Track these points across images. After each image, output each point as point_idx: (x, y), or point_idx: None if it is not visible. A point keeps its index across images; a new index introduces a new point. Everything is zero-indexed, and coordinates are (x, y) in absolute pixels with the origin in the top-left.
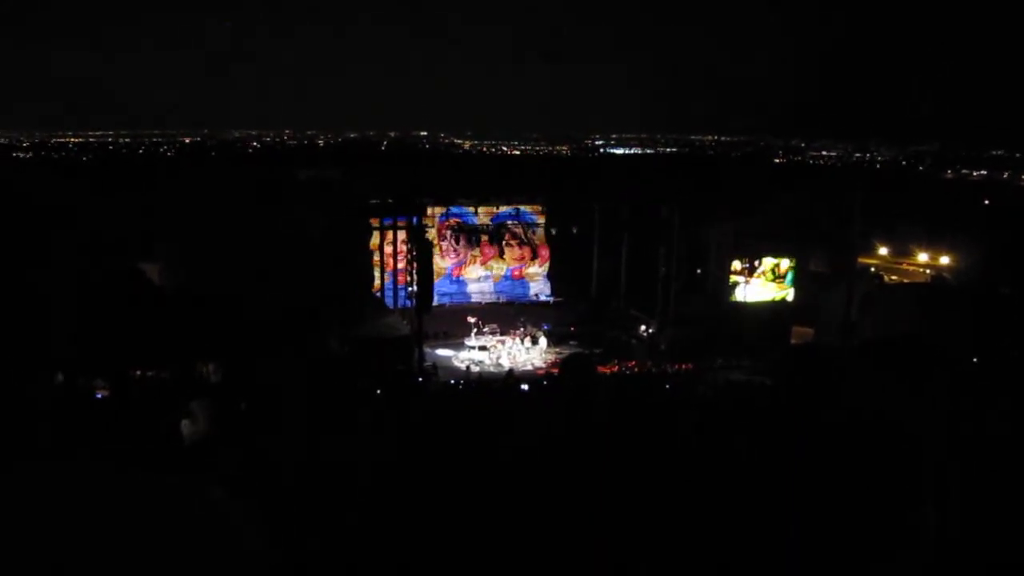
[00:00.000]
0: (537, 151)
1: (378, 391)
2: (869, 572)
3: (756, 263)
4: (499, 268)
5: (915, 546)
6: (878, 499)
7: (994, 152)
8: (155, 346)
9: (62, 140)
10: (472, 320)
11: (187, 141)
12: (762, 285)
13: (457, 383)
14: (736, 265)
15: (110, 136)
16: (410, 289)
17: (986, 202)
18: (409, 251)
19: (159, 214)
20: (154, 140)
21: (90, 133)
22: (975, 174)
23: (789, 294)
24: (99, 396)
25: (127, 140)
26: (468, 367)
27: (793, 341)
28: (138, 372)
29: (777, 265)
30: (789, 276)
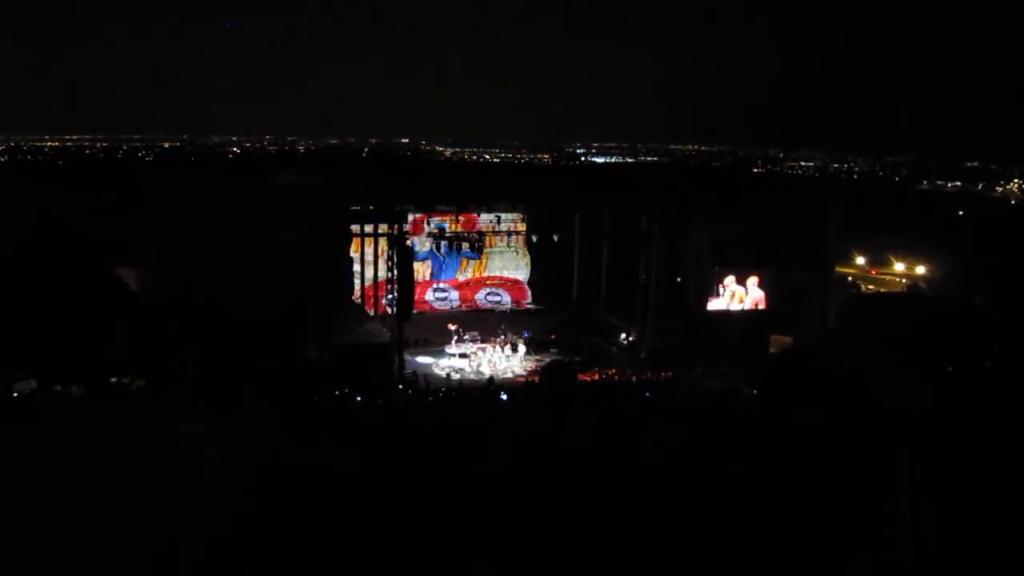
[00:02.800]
0: (519, 159)
1: (358, 398)
2: (849, 568)
3: (724, 284)
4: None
5: (893, 543)
6: (858, 497)
7: (968, 164)
8: (133, 351)
9: (39, 144)
10: (453, 327)
11: (166, 146)
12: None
13: (437, 391)
14: (730, 279)
15: (87, 140)
16: (390, 296)
17: (960, 213)
18: (389, 258)
19: (137, 220)
20: (132, 145)
21: (67, 137)
22: (950, 185)
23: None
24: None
25: (104, 144)
26: (449, 374)
27: (772, 349)
28: (114, 379)
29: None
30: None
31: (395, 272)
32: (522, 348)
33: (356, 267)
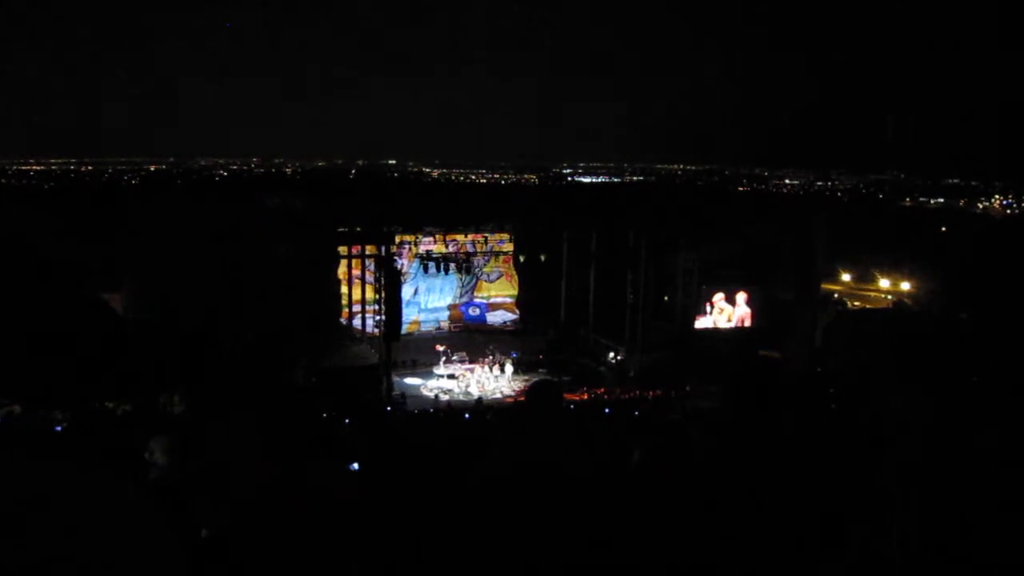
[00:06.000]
0: (505, 179)
1: (346, 421)
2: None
3: (712, 301)
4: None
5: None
6: (834, 502)
7: (950, 181)
8: (117, 378)
9: (23, 168)
10: (441, 349)
11: (152, 169)
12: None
13: (424, 412)
14: (719, 296)
15: (72, 164)
16: (378, 318)
17: (943, 229)
18: (377, 279)
19: (123, 243)
20: (118, 168)
21: (52, 161)
22: (932, 202)
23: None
24: (58, 429)
25: (90, 168)
26: (437, 396)
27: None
28: (98, 404)
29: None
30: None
31: (383, 293)
32: (510, 368)
33: (344, 289)
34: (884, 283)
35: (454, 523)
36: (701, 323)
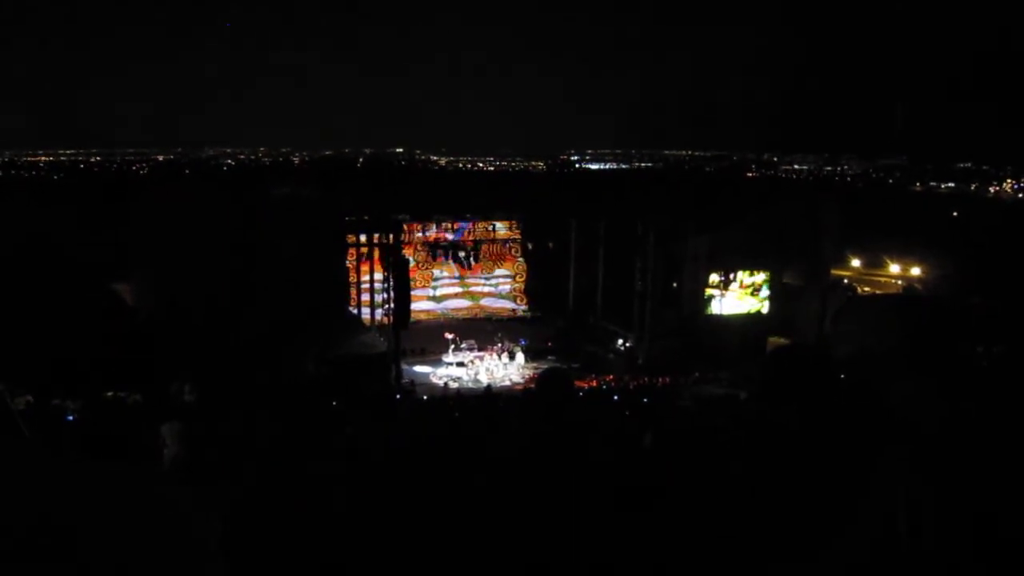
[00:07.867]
0: (513, 167)
1: (355, 409)
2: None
3: (731, 276)
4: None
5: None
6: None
7: (961, 165)
8: (128, 367)
9: (33, 159)
10: (450, 336)
11: (160, 159)
12: (738, 298)
13: (432, 400)
14: (713, 279)
15: (82, 154)
16: (386, 306)
17: (954, 214)
18: (385, 268)
19: (132, 234)
20: (127, 158)
21: (61, 152)
22: (943, 187)
23: (764, 306)
24: (70, 418)
25: (99, 158)
26: (446, 384)
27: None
28: (110, 393)
29: (753, 279)
30: (764, 289)
31: (391, 281)
32: (519, 356)
33: (352, 277)
34: (894, 268)
35: (455, 521)
36: (715, 306)
